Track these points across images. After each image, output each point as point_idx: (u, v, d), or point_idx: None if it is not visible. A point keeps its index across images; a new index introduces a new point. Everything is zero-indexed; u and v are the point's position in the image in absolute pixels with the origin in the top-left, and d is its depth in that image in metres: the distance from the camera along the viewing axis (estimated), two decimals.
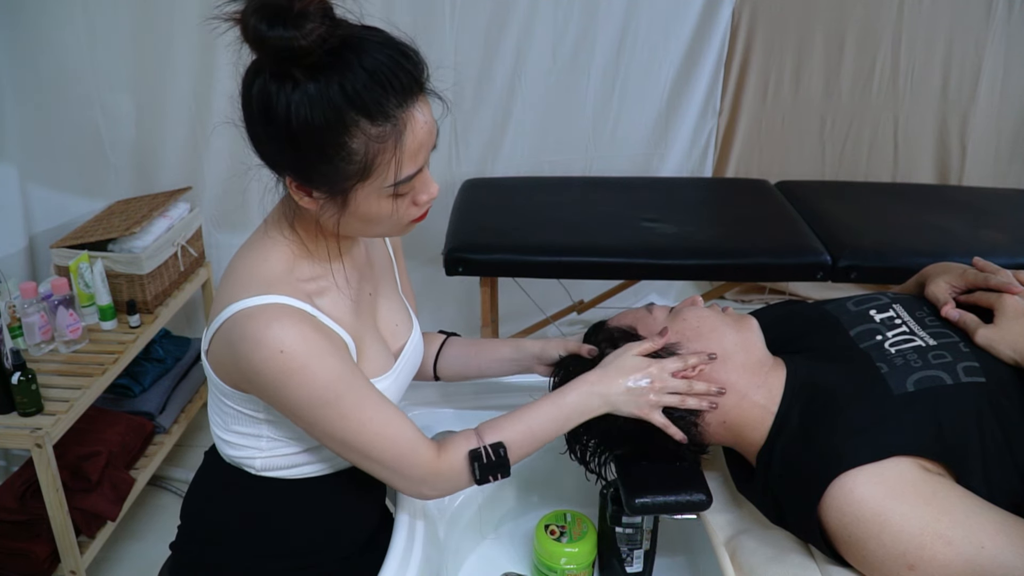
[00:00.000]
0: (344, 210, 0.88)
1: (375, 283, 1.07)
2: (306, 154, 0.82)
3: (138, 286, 1.99)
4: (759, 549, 0.98)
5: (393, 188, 0.85)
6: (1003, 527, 0.84)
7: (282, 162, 0.86)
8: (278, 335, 0.84)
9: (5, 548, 1.72)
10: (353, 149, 0.81)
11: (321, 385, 0.86)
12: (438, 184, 0.92)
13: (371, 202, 0.87)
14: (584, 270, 2.03)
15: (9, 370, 1.60)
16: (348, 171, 0.83)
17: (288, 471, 1.00)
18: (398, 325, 1.09)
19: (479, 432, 0.97)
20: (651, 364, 1.00)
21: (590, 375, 1.01)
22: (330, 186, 0.85)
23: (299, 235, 0.95)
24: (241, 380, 0.91)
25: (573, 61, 2.55)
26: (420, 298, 2.67)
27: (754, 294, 3.07)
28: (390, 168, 0.84)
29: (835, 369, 1.01)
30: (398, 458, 0.92)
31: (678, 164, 2.80)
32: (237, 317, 0.86)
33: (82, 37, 2.07)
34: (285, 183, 0.88)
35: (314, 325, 0.88)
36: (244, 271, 0.91)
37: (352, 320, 0.97)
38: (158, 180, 2.33)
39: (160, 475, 2.16)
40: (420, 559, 1.00)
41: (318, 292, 0.94)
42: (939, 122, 2.85)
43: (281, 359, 0.84)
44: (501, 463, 0.96)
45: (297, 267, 0.93)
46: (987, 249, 1.94)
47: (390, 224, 0.91)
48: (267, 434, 0.97)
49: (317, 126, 0.79)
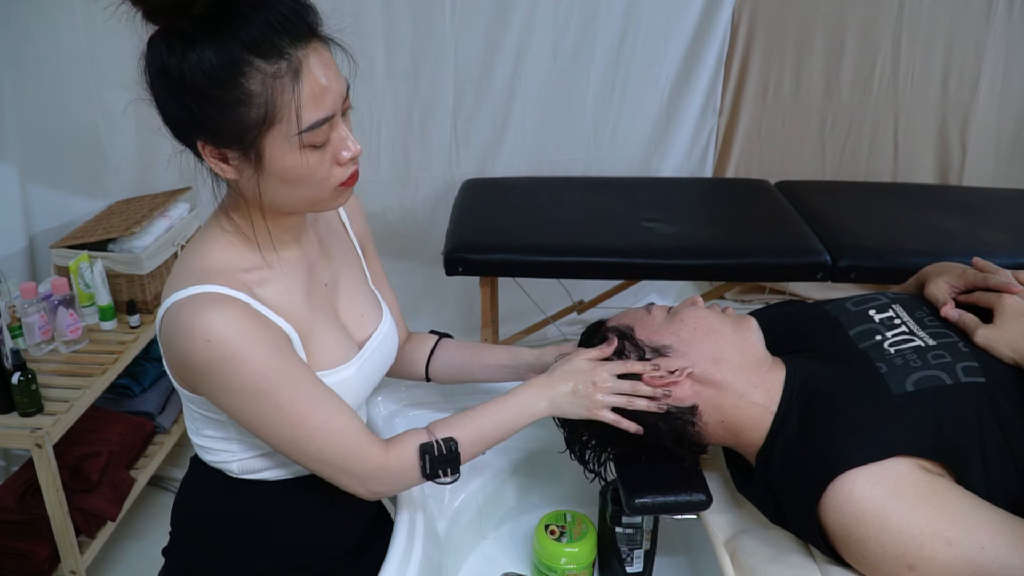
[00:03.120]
0: (261, 170, 0.84)
1: (333, 274, 1.05)
2: (208, 106, 0.80)
3: (138, 286, 1.99)
4: (759, 549, 0.98)
5: (299, 137, 0.82)
6: (1003, 527, 0.84)
7: (191, 125, 0.83)
8: (206, 323, 0.83)
9: (5, 548, 1.72)
10: (251, 90, 0.79)
11: (252, 375, 0.84)
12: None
13: (284, 156, 0.83)
14: (584, 270, 2.03)
15: (9, 370, 1.60)
16: (251, 117, 0.80)
17: (265, 473, 0.99)
18: (363, 315, 1.07)
19: (430, 429, 0.98)
20: (597, 367, 1.02)
21: (539, 378, 1.03)
22: (239, 140, 0.82)
23: (235, 223, 0.93)
24: (185, 375, 0.90)
25: (573, 61, 2.55)
26: (420, 298, 2.72)
27: (754, 294, 3.07)
28: (291, 111, 0.81)
29: (835, 369, 1.01)
30: (341, 455, 0.91)
31: (678, 164, 2.80)
32: (171, 310, 0.85)
33: (82, 37, 2.07)
34: (202, 155, 0.85)
35: (248, 314, 0.86)
36: (180, 267, 0.90)
37: (300, 310, 0.94)
38: (158, 180, 2.32)
39: (160, 475, 2.16)
40: (420, 559, 1.00)
41: (259, 282, 0.92)
42: (939, 122, 2.85)
43: (208, 348, 0.83)
44: (452, 457, 0.95)
45: (237, 258, 0.91)
46: (987, 249, 1.93)
47: (315, 187, 0.87)
48: (235, 436, 0.96)
49: (212, 72, 0.78)
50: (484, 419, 0.99)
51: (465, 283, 2.34)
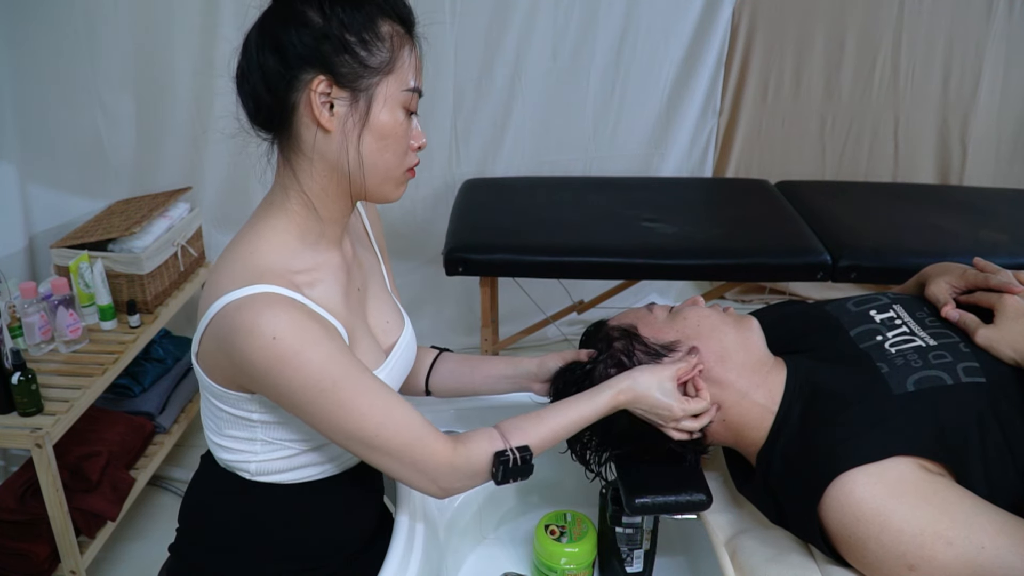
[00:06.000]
0: (365, 120, 0.89)
1: (363, 280, 1.06)
2: (344, 38, 0.86)
3: (138, 286, 1.99)
4: (759, 549, 0.98)
5: (411, 93, 0.91)
6: (1004, 527, 0.84)
7: (315, 61, 0.86)
8: (270, 322, 0.83)
9: (5, 548, 1.72)
10: (383, 33, 0.88)
11: (317, 371, 0.85)
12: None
13: (388, 110, 0.89)
14: (584, 270, 2.03)
15: (9, 370, 1.60)
16: (377, 59, 0.88)
17: (282, 475, 0.99)
18: (389, 322, 1.08)
19: (503, 432, 0.96)
20: (675, 409, 1.00)
21: (617, 382, 1.01)
22: (358, 81, 0.88)
23: (289, 214, 0.93)
24: (237, 375, 0.90)
25: (573, 61, 2.55)
26: (420, 298, 2.72)
27: (754, 294, 3.07)
28: (410, 66, 0.91)
29: (835, 369, 1.01)
30: (406, 447, 0.90)
31: (678, 164, 2.80)
32: (227, 310, 0.85)
33: (82, 37, 2.07)
34: (308, 100, 0.87)
35: (306, 312, 0.87)
36: (231, 265, 0.90)
37: (344, 313, 0.96)
38: (158, 180, 2.32)
39: (160, 475, 2.16)
40: (420, 559, 1.00)
41: (308, 284, 0.92)
42: (939, 122, 2.85)
43: (275, 346, 0.83)
44: (527, 468, 0.95)
45: (290, 257, 0.92)
46: (987, 249, 1.94)
47: (399, 156, 0.93)
48: (261, 437, 0.96)
49: (355, 8, 0.87)
50: (555, 419, 0.98)
51: (465, 283, 2.34)
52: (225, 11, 2.15)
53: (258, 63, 0.88)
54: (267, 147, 0.95)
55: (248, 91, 0.91)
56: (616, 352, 1.06)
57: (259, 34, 0.89)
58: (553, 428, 0.97)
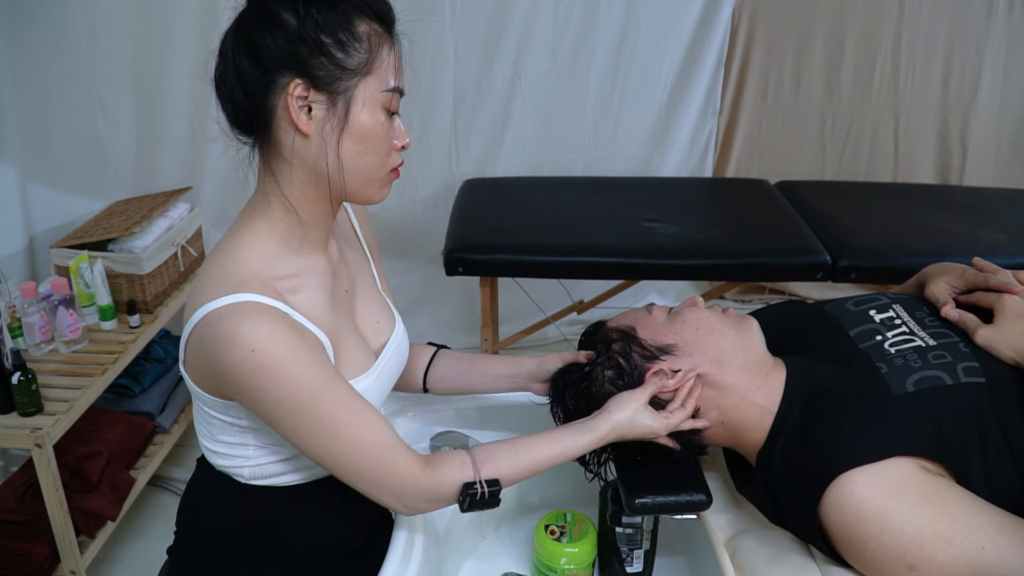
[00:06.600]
0: (344, 123, 0.87)
1: (351, 282, 1.05)
2: (320, 39, 0.85)
3: (138, 286, 1.99)
4: (759, 549, 0.98)
5: (391, 93, 0.89)
6: (1004, 528, 0.84)
7: (291, 64, 0.85)
8: (251, 332, 0.83)
9: (5, 548, 1.72)
10: (360, 33, 0.87)
11: (296, 384, 0.84)
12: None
13: (368, 112, 0.88)
14: (584, 270, 2.03)
15: (9, 370, 1.60)
16: (354, 60, 0.86)
17: (277, 479, 0.99)
18: (379, 323, 1.07)
19: (475, 460, 0.95)
20: (636, 419, 1.00)
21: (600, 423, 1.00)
22: (335, 83, 0.86)
23: (271, 220, 0.92)
24: (219, 384, 0.89)
25: (573, 61, 2.55)
26: (420, 298, 2.72)
27: (754, 294, 3.07)
28: (389, 66, 0.89)
29: (835, 369, 1.01)
30: (376, 466, 0.90)
31: (678, 164, 2.80)
32: (209, 318, 0.85)
33: (82, 37, 2.07)
34: (285, 104, 0.86)
35: (287, 323, 0.86)
36: (215, 272, 0.90)
37: (329, 318, 0.95)
38: (158, 180, 2.32)
39: (160, 475, 2.16)
40: (420, 559, 1.00)
41: (292, 290, 0.92)
42: (939, 122, 2.85)
43: (253, 357, 0.83)
44: (493, 501, 0.94)
45: (272, 264, 0.92)
46: (987, 249, 1.94)
47: (380, 157, 0.91)
48: (252, 442, 0.96)
49: (330, 9, 0.85)
50: (530, 454, 0.97)
51: (465, 283, 2.34)
52: (225, 11, 2.15)
53: (234, 66, 0.87)
54: (248, 151, 0.94)
55: (226, 94, 0.89)
56: (614, 354, 1.05)
57: (235, 36, 0.87)
58: (527, 463, 0.97)
